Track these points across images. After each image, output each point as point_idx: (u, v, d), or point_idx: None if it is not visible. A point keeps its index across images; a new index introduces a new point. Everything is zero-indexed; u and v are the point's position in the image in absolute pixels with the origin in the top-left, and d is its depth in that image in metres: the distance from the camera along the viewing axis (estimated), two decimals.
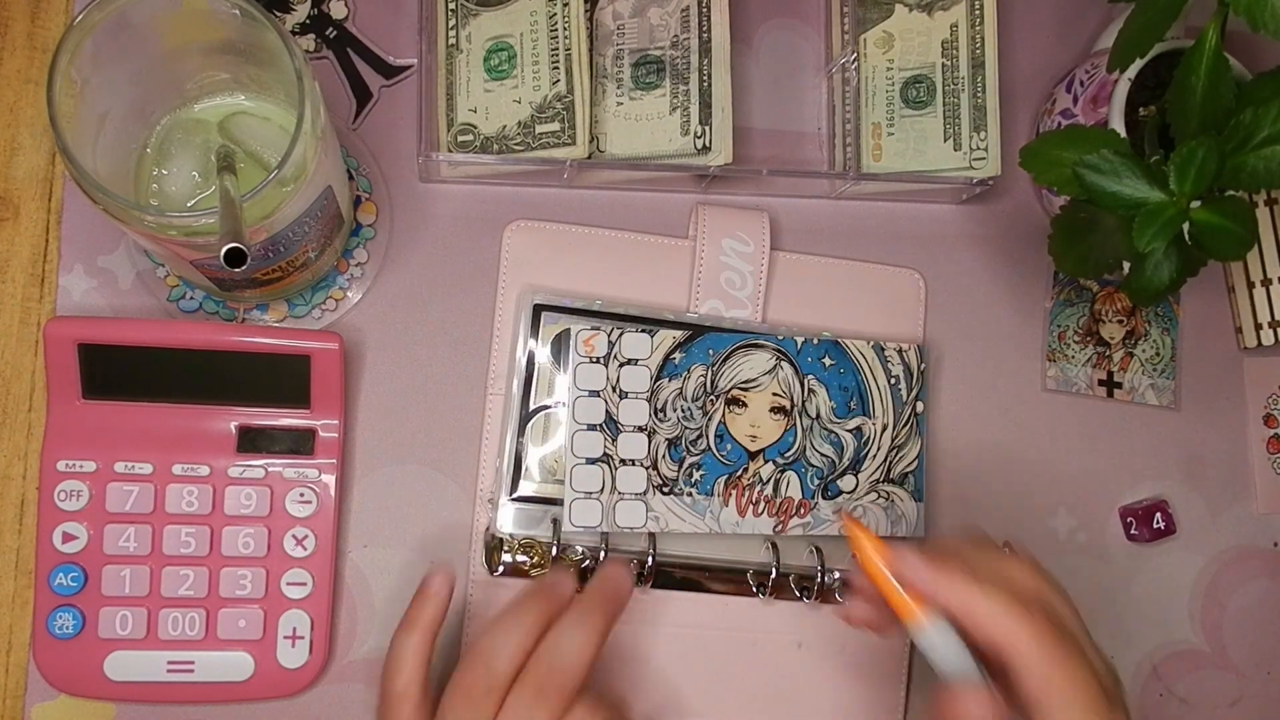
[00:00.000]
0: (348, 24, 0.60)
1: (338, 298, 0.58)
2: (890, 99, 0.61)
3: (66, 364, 0.52)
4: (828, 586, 0.59)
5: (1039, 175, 0.54)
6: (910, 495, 0.60)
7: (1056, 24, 0.66)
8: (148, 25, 0.46)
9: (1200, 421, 0.66)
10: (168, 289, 0.57)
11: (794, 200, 0.63)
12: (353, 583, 0.57)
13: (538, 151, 0.57)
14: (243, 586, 0.54)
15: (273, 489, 0.54)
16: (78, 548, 0.53)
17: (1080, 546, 0.64)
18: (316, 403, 0.54)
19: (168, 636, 0.53)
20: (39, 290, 0.56)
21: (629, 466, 0.57)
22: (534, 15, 0.57)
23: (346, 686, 0.56)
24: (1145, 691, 0.64)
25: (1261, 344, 0.65)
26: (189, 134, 0.51)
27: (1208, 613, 0.65)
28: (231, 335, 0.52)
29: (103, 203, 0.43)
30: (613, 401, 0.57)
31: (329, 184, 0.48)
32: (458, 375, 0.59)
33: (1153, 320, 0.66)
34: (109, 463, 0.53)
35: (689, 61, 0.59)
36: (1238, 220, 0.49)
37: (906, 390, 0.60)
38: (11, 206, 0.56)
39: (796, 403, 0.59)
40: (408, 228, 0.59)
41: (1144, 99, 0.57)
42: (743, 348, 0.58)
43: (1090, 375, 0.64)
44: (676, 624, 0.58)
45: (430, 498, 0.58)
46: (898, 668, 0.60)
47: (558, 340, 0.57)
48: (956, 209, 0.65)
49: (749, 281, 0.60)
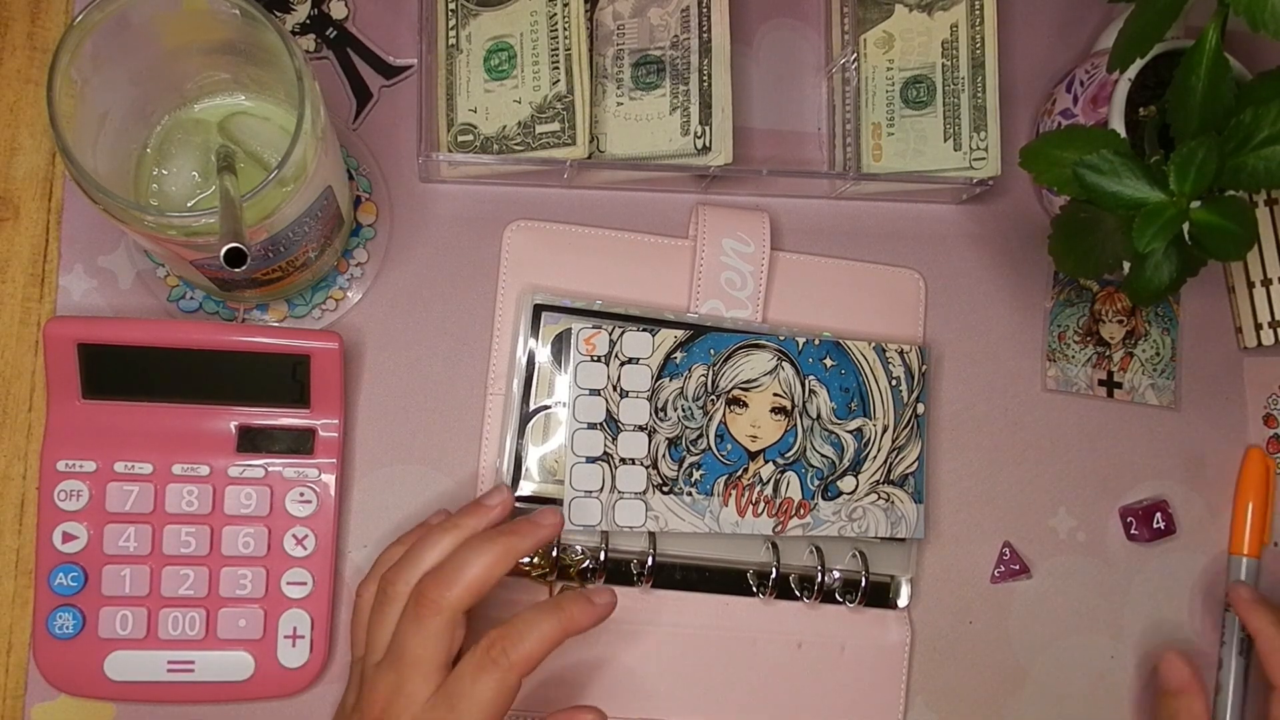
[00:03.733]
0: (348, 24, 0.60)
1: (338, 298, 0.58)
2: (890, 99, 0.61)
3: (66, 364, 0.52)
4: (828, 586, 0.59)
5: (1039, 175, 0.54)
6: (910, 497, 0.60)
7: (1056, 24, 0.66)
8: (148, 25, 0.45)
9: (1200, 421, 0.66)
10: (168, 289, 0.57)
11: (794, 200, 0.63)
12: (353, 582, 0.57)
13: (538, 151, 0.57)
14: (243, 586, 0.54)
15: (273, 489, 0.54)
16: (78, 548, 0.53)
17: (1080, 546, 0.64)
18: (316, 402, 0.54)
19: (168, 636, 0.53)
20: (39, 290, 0.56)
21: (629, 465, 0.57)
22: (534, 15, 0.57)
23: None
24: (1145, 691, 0.64)
25: (1261, 344, 0.65)
26: (189, 134, 0.51)
27: (1208, 612, 0.65)
28: (231, 335, 0.52)
29: (103, 203, 0.43)
30: (613, 400, 0.57)
31: (329, 184, 0.48)
32: (458, 375, 0.59)
33: (1153, 320, 0.66)
34: (109, 463, 0.53)
35: (689, 61, 0.59)
36: (1238, 220, 0.49)
37: (907, 391, 0.60)
38: (11, 206, 0.56)
39: (797, 403, 0.59)
40: (408, 228, 0.59)
41: (1144, 99, 0.57)
42: (744, 348, 0.58)
43: (1090, 375, 0.64)
44: (676, 624, 0.58)
45: (430, 498, 0.58)
46: (898, 668, 0.61)
47: (558, 340, 0.57)
48: (956, 209, 0.65)
49: (749, 281, 0.60)
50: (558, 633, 0.48)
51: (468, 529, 0.51)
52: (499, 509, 0.52)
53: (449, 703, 0.46)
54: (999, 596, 0.63)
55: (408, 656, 0.47)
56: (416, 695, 0.47)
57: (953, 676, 0.62)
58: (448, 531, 0.50)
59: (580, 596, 0.49)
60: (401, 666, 0.47)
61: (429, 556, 0.49)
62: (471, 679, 0.46)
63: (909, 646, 0.61)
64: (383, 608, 0.49)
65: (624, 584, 0.57)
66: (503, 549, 0.49)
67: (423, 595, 0.47)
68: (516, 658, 0.46)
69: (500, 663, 0.46)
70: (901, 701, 0.61)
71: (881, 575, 0.60)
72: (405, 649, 0.47)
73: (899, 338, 0.62)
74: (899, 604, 0.61)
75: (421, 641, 0.47)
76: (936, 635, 0.62)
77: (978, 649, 0.62)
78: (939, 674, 0.62)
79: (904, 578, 0.61)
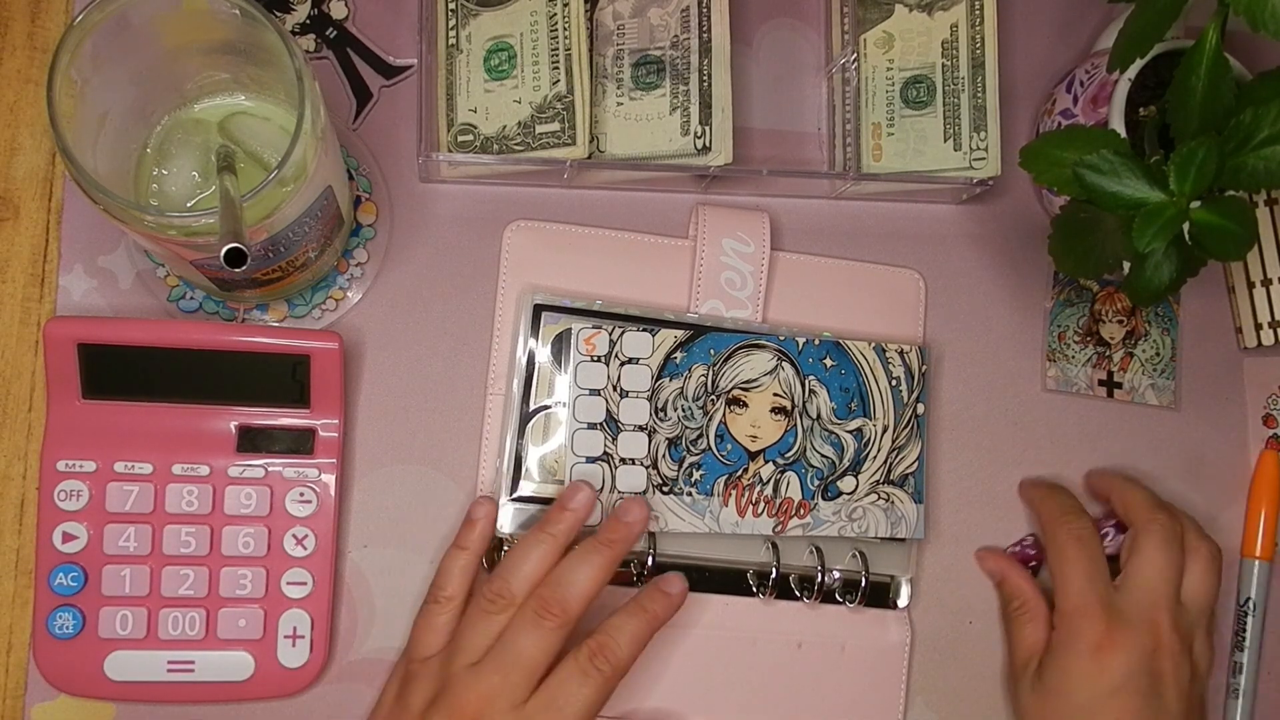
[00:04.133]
0: (348, 24, 0.60)
1: (338, 298, 0.58)
2: (890, 99, 0.61)
3: (66, 364, 0.52)
4: (828, 586, 0.59)
5: (1039, 175, 0.54)
6: (910, 497, 0.60)
7: (1056, 24, 0.66)
8: (148, 25, 0.45)
9: (1200, 421, 0.66)
10: (168, 289, 0.57)
11: (794, 200, 0.63)
12: (353, 583, 0.57)
13: (538, 151, 0.57)
14: (243, 586, 0.54)
15: (273, 489, 0.54)
16: (78, 548, 0.53)
17: None
18: (316, 402, 0.54)
19: (168, 636, 0.53)
20: (39, 290, 0.56)
21: (629, 465, 0.57)
22: (534, 15, 0.57)
23: (347, 686, 0.56)
24: None
25: (1261, 344, 0.65)
26: (189, 134, 0.51)
27: None
28: (231, 335, 0.52)
29: (103, 203, 0.43)
30: (613, 400, 0.57)
31: (329, 184, 0.48)
32: (458, 375, 0.59)
33: (1153, 320, 0.66)
34: (109, 463, 0.53)
35: (689, 61, 0.59)
36: (1238, 220, 0.49)
37: (907, 392, 0.60)
38: (11, 206, 0.56)
39: (797, 403, 0.59)
40: (408, 228, 0.59)
41: (1144, 99, 0.57)
42: (744, 348, 0.58)
43: (1090, 375, 0.64)
44: (676, 624, 0.58)
45: (430, 498, 0.58)
46: (898, 668, 0.61)
47: (558, 340, 0.57)
48: (956, 209, 0.65)
49: (749, 281, 0.60)
50: (647, 633, 0.51)
51: (561, 535, 0.52)
52: (583, 508, 0.53)
53: (554, 706, 0.48)
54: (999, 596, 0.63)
55: (522, 659, 0.49)
56: (518, 697, 0.48)
57: (953, 676, 0.62)
58: (543, 541, 0.52)
59: (656, 591, 0.52)
60: (510, 669, 0.49)
61: (529, 565, 0.51)
62: (578, 685, 0.49)
63: (909, 646, 0.61)
64: (487, 614, 0.50)
65: (624, 584, 0.57)
66: (608, 558, 0.51)
67: (546, 603, 0.49)
68: (617, 664, 0.49)
69: (604, 670, 0.49)
70: (901, 701, 0.61)
71: (881, 575, 0.60)
72: (520, 652, 0.49)
73: (899, 338, 0.62)
74: (899, 604, 0.61)
75: (540, 649, 0.49)
76: (936, 635, 0.62)
77: (978, 649, 0.62)
78: (939, 674, 0.62)
79: (904, 578, 0.61)
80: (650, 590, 0.52)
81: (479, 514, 0.55)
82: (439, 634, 0.52)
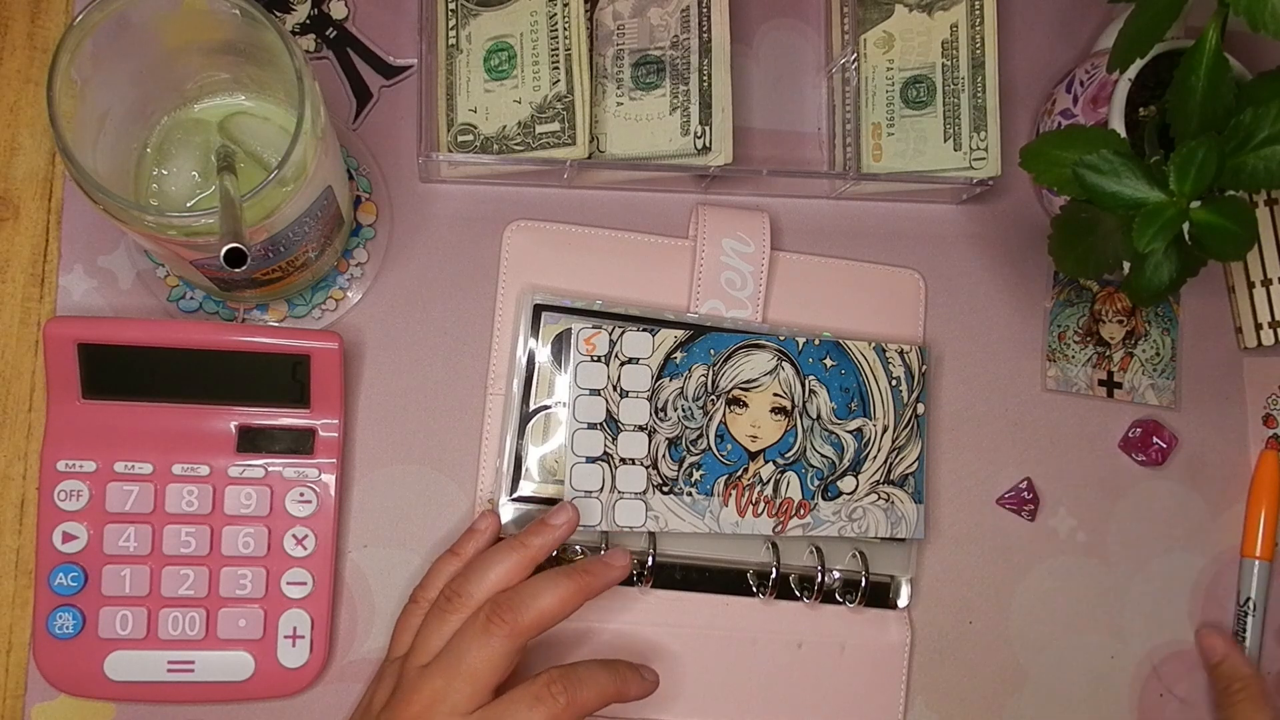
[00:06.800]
0: (348, 24, 0.60)
1: (338, 298, 0.58)
2: (890, 99, 0.61)
3: (66, 364, 0.52)
4: (828, 586, 0.59)
5: (1039, 175, 0.54)
6: (910, 497, 0.60)
7: (1056, 24, 0.66)
8: (148, 25, 0.46)
9: (1200, 421, 0.66)
10: (168, 289, 0.57)
11: (794, 200, 0.63)
12: (353, 583, 0.57)
13: (538, 151, 0.57)
14: (243, 586, 0.54)
15: (273, 489, 0.54)
16: (78, 548, 0.53)
17: (1080, 546, 0.64)
18: (316, 402, 0.54)
19: (168, 636, 0.53)
20: (39, 290, 0.56)
21: (629, 465, 0.57)
22: (534, 15, 0.57)
23: (347, 686, 0.56)
24: (1145, 691, 0.64)
25: (1261, 344, 0.65)
26: (189, 134, 0.51)
27: (1207, 613, 0.65)
28: (231, 335, 0.52)
29: (103, 203, 0.43)
30: (613, 400, 0.57)
31: (329, 184, 0.48)
32: (458, 375, 0.59)
33: (1153, 320, 0.66)
34: (109, 463, 0.53)
35: (689, 61, 0.59)
36: (1238, 220, 0.49)
37: (907, 392, 0.60)
38: (11, 206, 0.56)
39: (797, 403, 0.59)
40: (408, 228, 0.59)
41: (1144, 99, 0.57)
42: (744, 348, 0.58)
43: (1090, 375, 0.64)
44: (676, 624, 0.58)
45: (430, 498, 0.58)
46: (898, 668, 0.61)
47: (558, 340, 0.57)
48: (956, 209, 0.65)
49: (749, 281, 0.60)
50: (612, 689, 0.50)
51: (534, 548, 0.52)
52: (565, 528, 0.53)
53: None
54: (999, 596, 0.63)
55: (464, 666, 0.48)
56: (460, 707, 0.47)
57: (953, 676, 0.62)
58: (515, 550, 0.51)
59: (629, 667, 0.51)
60: (453, 674, 0.48)
61: (494, 571, 0.51)
62: (527, 710, 0.47)
63: (909, 646, 0.61)
64: (442, 614, 0.50)
65: (624, 584, 0.57)
66: (578, 587, 0.50)
67: (498, 612, 0.48)
68: (575, 705, 0.48)
69: (560, 701, 0.48)
70: (901, 702, 0.61)
71: (881, 575, 0.60)
72: (464, 658, 0.48)
73: (899, 338, 0.62)
74: (899, 604, 0.61)
75: (484, 656, 0.48)
76: (936, 635, 0.62)
77: (978, 649, 0.62)
78: (939, 674, 0.62)
79: (904, 578, 0.61)
80: (626, 664, 0.51)
81: (483, 526, 0.55)
82: (413, 635, 0.52)
